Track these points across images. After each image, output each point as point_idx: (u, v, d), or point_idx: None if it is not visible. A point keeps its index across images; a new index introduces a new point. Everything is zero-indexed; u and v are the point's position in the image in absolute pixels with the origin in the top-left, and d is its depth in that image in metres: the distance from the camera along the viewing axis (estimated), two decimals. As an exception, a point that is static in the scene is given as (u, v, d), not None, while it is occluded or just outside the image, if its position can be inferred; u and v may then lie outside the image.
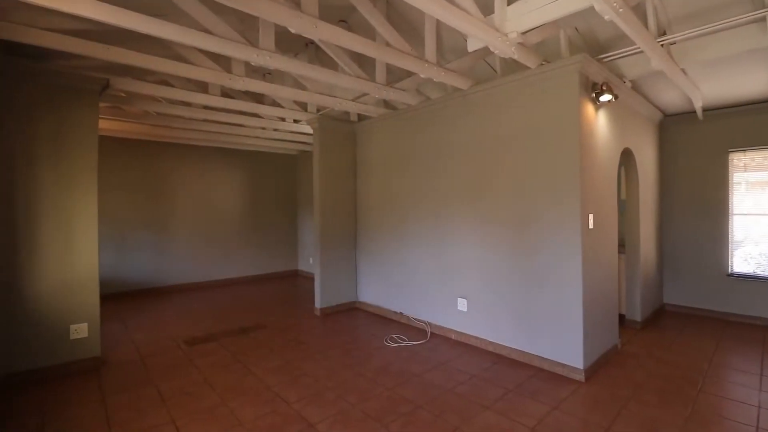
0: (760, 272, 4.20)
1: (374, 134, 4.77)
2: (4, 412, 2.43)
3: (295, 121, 5.20)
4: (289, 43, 3.62)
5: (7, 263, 2.82)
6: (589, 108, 3.02)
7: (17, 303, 2.85)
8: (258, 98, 4.66)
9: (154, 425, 2.29)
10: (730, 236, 4.34)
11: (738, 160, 4.32)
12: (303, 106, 4.79)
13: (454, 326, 3.78)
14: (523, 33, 2.60)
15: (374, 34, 3.17)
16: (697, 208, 4.53)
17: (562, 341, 2.96)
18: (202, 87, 3.97)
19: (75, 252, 3.08)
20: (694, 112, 4.30)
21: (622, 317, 3.98)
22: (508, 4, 2.48)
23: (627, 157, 3.97)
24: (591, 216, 3.00)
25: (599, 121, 3.18)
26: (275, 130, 5.68)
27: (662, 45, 2.82)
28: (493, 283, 3.44)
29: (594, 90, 3.04)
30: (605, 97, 2.99)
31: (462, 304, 3.70)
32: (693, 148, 4.55)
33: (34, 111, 2.92)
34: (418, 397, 2.62)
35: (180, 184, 6.23)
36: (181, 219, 6.24)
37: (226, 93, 4.17)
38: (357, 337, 3.86)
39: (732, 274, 4.31)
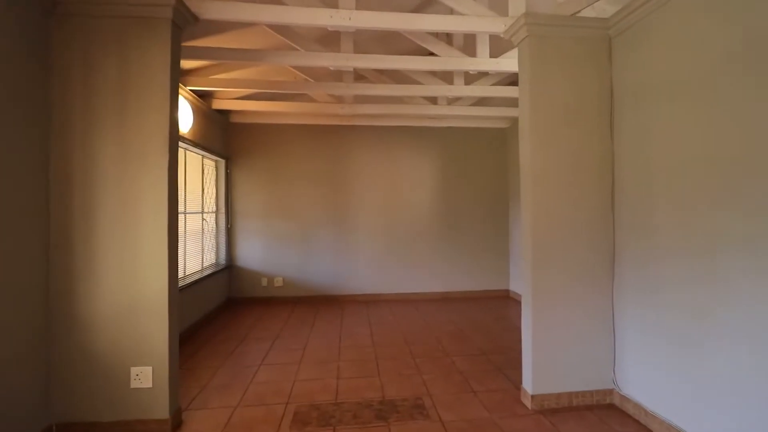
0: None
1: (659, 33, 2.07)
2: None
3: (493, 56, 3.09)
4: None
5: (66, 278, 2.05)
6: None
7: (68, 332, 2.04)
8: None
9: None
10: None
11: None
12: (501, 10, 2.60)
13: None
14: None
15: None
16: None
17: None
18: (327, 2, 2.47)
19: (139, 263, 2.09)
20: None
21: None
22: None
23: None
24: None
25: None
26: (467, 75, 3.74)
27: None
28: None
29: None
30: None
31: None
32: None
33: (93, 56, 2.06)
34: None
35: (363, 175, 5.16)
36: (363, 217, 5.16)
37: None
38: None
39: None
